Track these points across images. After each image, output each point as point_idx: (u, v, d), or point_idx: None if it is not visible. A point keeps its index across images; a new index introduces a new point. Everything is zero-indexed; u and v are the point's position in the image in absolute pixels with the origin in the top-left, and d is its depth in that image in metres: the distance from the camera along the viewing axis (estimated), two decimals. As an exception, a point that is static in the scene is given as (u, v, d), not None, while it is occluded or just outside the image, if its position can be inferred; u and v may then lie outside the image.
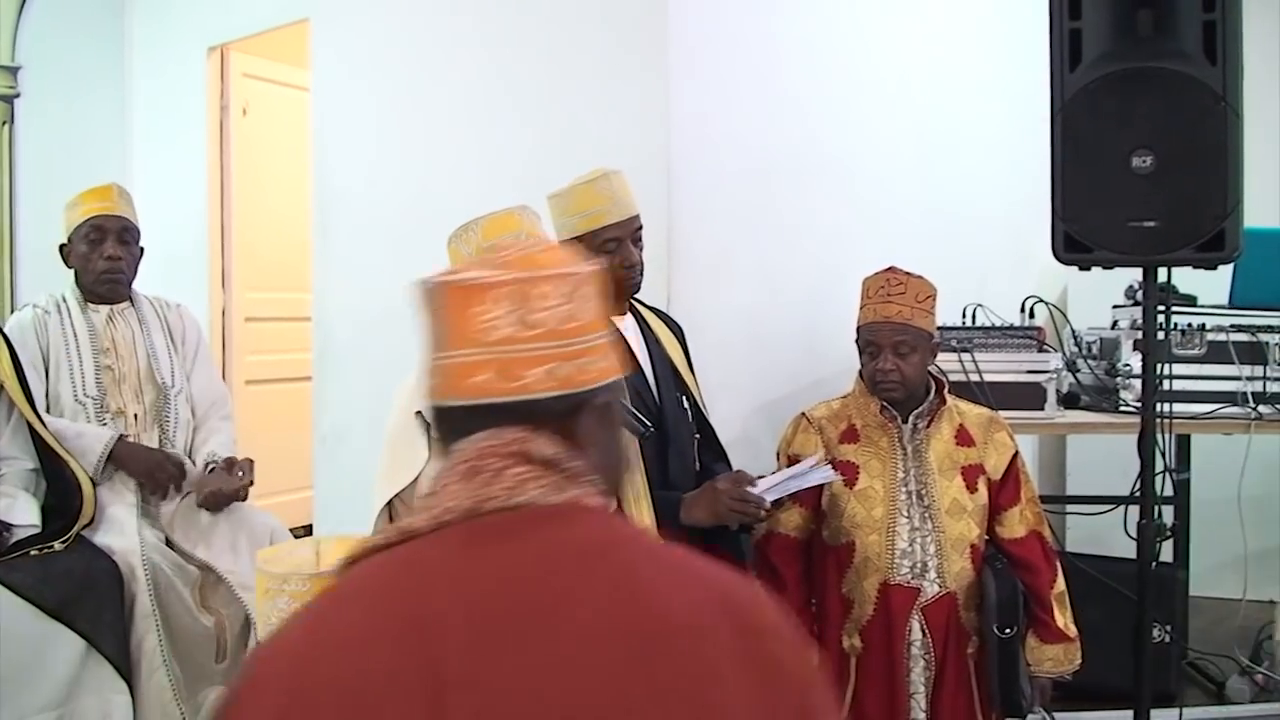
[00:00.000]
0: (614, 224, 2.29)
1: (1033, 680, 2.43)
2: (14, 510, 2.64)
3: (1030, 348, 3.07)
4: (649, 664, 0.86)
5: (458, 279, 0.99)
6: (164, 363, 3.02)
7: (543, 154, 3.21)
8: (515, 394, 0.97)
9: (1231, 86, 2.34)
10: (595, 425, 1.01)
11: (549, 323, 0.97)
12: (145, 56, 5.04)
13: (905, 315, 2.35)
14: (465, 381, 0.98)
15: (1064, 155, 2.47)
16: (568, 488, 0.96)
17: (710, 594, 0.93)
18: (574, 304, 0.99)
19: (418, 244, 3.73)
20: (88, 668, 2.54)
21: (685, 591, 0.92)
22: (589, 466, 1.00)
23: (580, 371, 0.98)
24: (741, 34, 3.13)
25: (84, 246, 2.95)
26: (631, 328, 2.38)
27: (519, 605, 0.89)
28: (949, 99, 3.60)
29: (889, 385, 2.36)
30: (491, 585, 0.90)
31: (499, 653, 0.87)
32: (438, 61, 3.68)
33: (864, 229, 3.30)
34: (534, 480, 0.95)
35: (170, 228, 4.73)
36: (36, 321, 2.92)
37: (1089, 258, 2.49)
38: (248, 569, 2.82)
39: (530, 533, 0.94)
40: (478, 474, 0.96)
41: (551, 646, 0.87)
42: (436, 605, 0.89)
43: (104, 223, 2.95)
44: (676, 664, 0.87)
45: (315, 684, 0.87)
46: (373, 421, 3.85)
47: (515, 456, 0.96)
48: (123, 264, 2.98)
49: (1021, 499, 2.47)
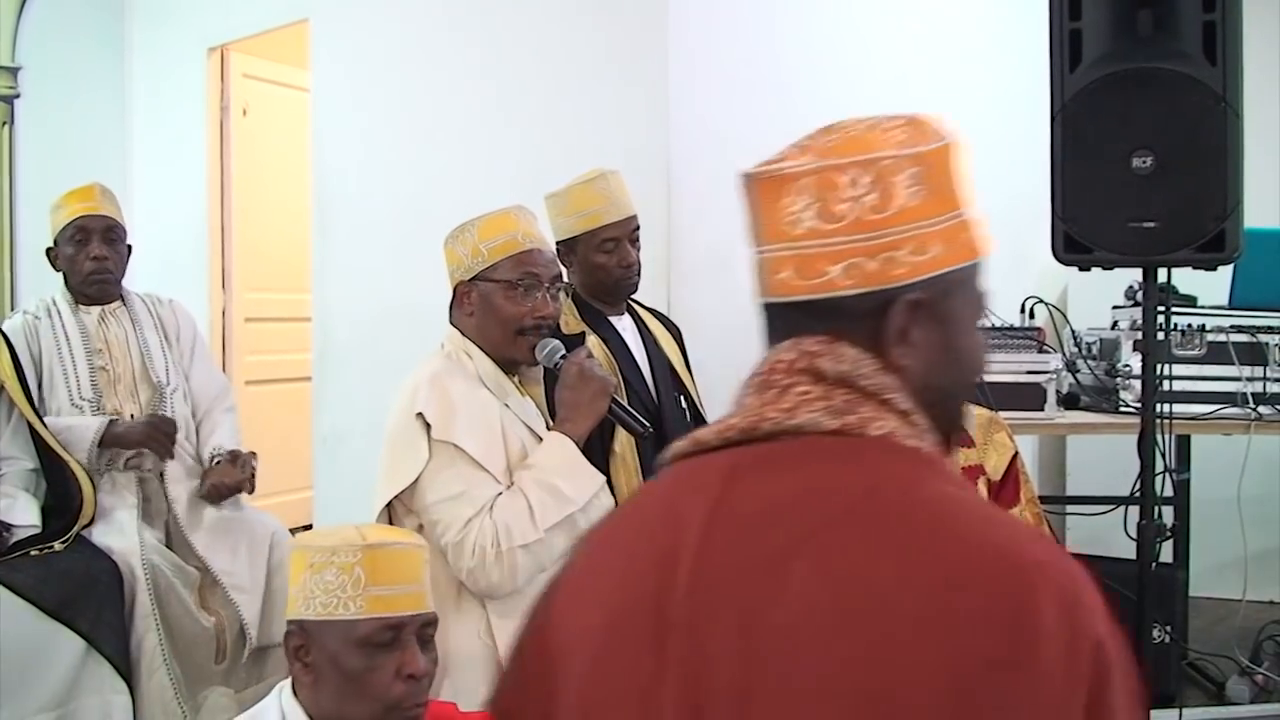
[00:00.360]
0: (612, 224, 2.29)
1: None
2: (14, 510, 2.64)
3: (1030, 348, 3.07)
4: (891, 664, 0.75)
5: (763, 171, 0.93)
6: (158, 361, 3.00)
7: (542, 154, 3.22)
8: (814, 292, 0.89)
9: (1231, 87, 2.34)
10: (915, 327, 0.89)
11: (851, 214, 0.88)
12: (145, 57, 5.04)
13: None
14: (772, 278, 0.92)
15: (1064, 155, 2.46)
16: (857, 409, 0.87)
17: (1011, 573, 0.78)
18: (883, 192, 0.88)
19: (417, 244, 3.74)
20: (88, 668, 2.54)
21: (967, 568, 0.78)
22: (900, 381, 0.89)
23: (888, 266, 0.87)
24: (741, 35, 3.14)
25: (70, 248, 2.94)
26: (629, 328, 2.38)
27: (750, 556, 0.82)
28: (949, 99, 3.58)
29: None
30: (732, 527, 0.84)
31: (717, 605, 0.81)
32: (437, 62, 3.68)
33: (864, 229, 3.30)
34: (817, 401, 0.87)
35: (170, 228, 4.74)
36: (27, 328, 2.90)
37: (1089, 258, 2.49)
38: (244, 571, 2.82)
39: (792, 470, 0.86)
40: (767, 389, 0.90)
41: (769, 610, 0.79)
42: (683, 538, 0.85)
43: (88, 223, 2.93)
44: (935, 668, 0.74)
45: (580, 615, 0.89)
46: (373, 422, 3.84)
47: (803, 373, 0.89)
48: (109, 263, 2.96)
49: (1021, 500, 2.46)
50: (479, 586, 1.85)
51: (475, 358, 1.96)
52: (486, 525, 1.82)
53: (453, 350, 1.98)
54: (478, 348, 1.97)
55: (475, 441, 1.86)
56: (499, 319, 1.95)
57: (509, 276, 1.95)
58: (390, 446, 1.89)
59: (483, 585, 1.84)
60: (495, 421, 1.93)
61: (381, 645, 1.47)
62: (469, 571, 1.83)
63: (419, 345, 2.24)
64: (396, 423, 1.88)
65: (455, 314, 2.02)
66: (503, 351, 1.98)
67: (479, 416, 1.90)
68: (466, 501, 1.83)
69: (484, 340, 1.97)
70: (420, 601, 1.52)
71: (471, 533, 1.81)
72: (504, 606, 1.88)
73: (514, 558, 1.82)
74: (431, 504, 1.84)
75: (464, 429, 1.85)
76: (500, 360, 1.98)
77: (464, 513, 1.82)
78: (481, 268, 1.96)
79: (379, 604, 1.48)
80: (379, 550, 1.49)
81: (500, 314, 1.95)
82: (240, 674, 2.81)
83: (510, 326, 1.96)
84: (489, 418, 1.92)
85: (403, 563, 1.51)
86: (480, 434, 1.88)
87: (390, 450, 1.89)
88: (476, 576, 1.83)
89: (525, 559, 1.84)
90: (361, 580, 1.48)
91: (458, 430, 1.84)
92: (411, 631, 1.50)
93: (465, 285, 1.98)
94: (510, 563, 1.82)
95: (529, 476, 1.89)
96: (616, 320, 2.35)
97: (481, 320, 1.97)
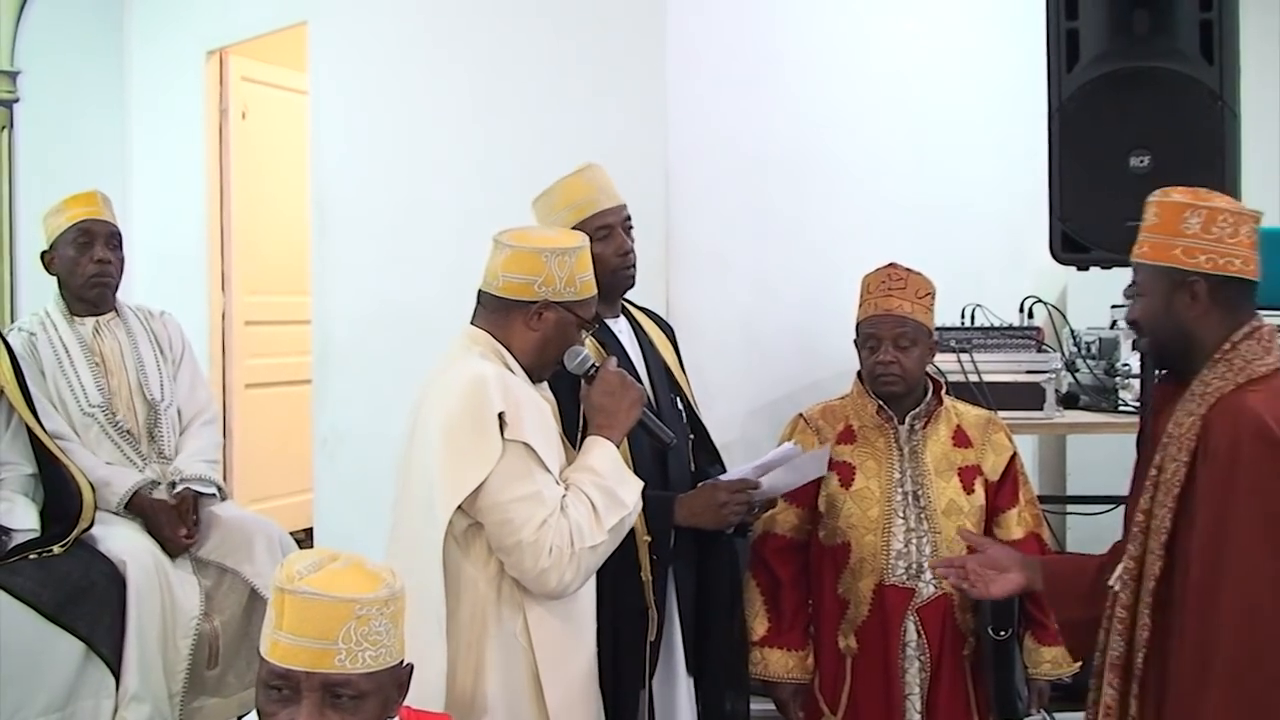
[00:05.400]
0: (605, 210, 2.29)
1: (1030, 682, 2.42)
2: (13, 515, 2.64)
3: (1029, 348, 3.07)
4: None
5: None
6: (153, 378, 2.99)
7: (540, 156, 3.21)
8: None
9: (1229, 86, 2.34)
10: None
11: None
12: (144, 61, 5.05)
13: (906, 309, 2.35)
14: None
15: (1061, 155, 2.47)
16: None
17: None
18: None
19: (416, 246, 3.76)
20: (87, 671, 2.54)
21: None
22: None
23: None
24: (739, 35, 3.14)
25: (72, 250, 2.93)
26: (624, 330, 2.38)
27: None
28: (946, 99, 3.60)
29: (889, 378, 2.35)
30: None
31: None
32: (435, 64, 3.69)
33: (862, 230, 3.30)
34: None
35: (170, 231, 4.75)
36: (26, 347, 2.88)
37: (1087, 257, 2.49)
38: (268, 573, 2.81)
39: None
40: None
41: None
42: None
43: (93, 226, 2.93)
44: None
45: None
46: (372, 424, 3.86)
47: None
48: (111, 268, 2.96)
49: (1020, 500, 2.46)
50: (549, 586, 1.85)
51: (510, 361, 1.97)
52: (562, 525, 1.83)
53: (485, 351, 1.95)
54: (511, 354, 1.97)
55: (542, 441, 1.88)
56: (561, 347, 2.00)
57: (586, 315, 2.02)
58: (452, 446, 1.84)
59: (553, 585, 1.84)
60: (552, 423, 1.96)
61: (276, 689, 1.41)
62: (542, 571, 1.83)
63: (419, 347, 2.25)
64: (459, 422, 1.84)
65: (508, 319, 1.98)
66: (540, 370, 2.01)
67: (539, 418, 1.91)
68: (540, 501, 1.83)
69: (533, 355, 1.98)
70: (322, 660, 1.39)
71: (548, 533, 1.82)
72: (545, 608, 1.89)
73: (585, 558, 1.85)
74: (503, 502, 1.83)
75: (532, 429, 1.86)
76: (529, 373, 2.00)
77: (539, 513, 1.82)
78: (572, 298, 1.98)
79: (277, 650, 1.41)
80: (292, 596, 1.41)
81: (566, 343, 2.00)
82: (230, 680, 2.82)
83: (561, 355, 2.01)
84: (548, 420, 1.95)
85: (313, 614, 1.40)
86: (544, 435, 1.90)
87: (454, 449, 1.84)
88: (549, 576, 1.83)
89: (591, 559, 1.88)
90: (272, 620, 1.43)
91: (528, 429, 1.85)
92: (311, 688, 1.40)
93: (545, 306, 1.96)
94: (581, 563, 1.85)
95: (588, 479, 1.91)
96: (613, 323, 2.35)
97: (545, 341, 1.98)
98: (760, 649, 2.41)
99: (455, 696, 1.85)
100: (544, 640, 1.89)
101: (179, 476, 2.91)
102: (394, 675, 1.48)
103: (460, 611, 1.87)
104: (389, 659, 1.46)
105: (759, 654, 2.41)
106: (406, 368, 2.04)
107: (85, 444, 2.86)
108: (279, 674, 1.41)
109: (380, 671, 1.44)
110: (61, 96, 4.83)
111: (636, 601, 2.19)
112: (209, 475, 2.94)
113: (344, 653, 1.41)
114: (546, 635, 1.90)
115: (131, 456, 2.91)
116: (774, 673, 2.41)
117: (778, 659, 2.41)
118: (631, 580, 2.17)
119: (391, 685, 1.48)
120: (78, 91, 4.90)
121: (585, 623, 2.00)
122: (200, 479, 2.91)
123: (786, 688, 2.42)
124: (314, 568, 1.46)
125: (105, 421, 2.88)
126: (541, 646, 1.89)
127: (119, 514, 2.79)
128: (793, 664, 2.41)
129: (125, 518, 2.80)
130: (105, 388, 2.91)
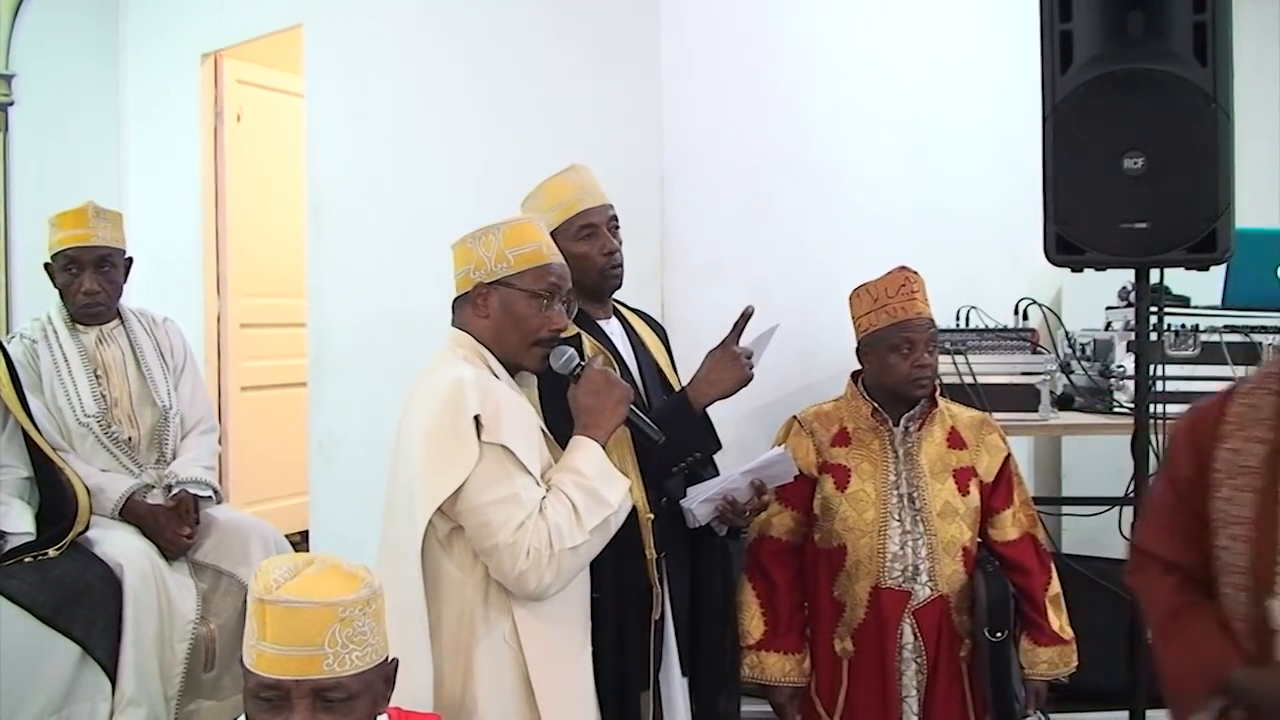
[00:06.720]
0: (589, 209, 2.29)
1: (1026, 683, 2.42)
2: (8, 518, 2.64)
3: (1024, 349, 3.07)
4: None
5: None
6: (160, 385, 3.00)
7: (535, 158, 3.19)
8: None
9: (1222, 88, 2.35)
10: None
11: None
12: (139, 63, 5.04)
13: (928, 312, 2.38)
14: None
15: (1056, 157, 2.47)
16: None
17: None
18: None
19: (411, 248, 3.75)
20: (82, 674, 2.54)
21: None
22: None
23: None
24: (734, 38, 3.14)
25: (64, 276, 2.95)
26: (616, 331, 2.38)
27: None
28: (941, 101, 3.60)
29: (926, 381, 2.36)
30: None
31: None
32: (430, 66, 3.68)
33: (857, 232, 3.30)
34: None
35: (165, 234, 4.74)
36: (27, 354, 2.90)
37: (1081, 259, 2.49)
38: None
39: None
40: None
41: None
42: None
43: (79, 254, 2.92)
44: None
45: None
46: (368, 427, 3.86)
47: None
48: (100, 295, 2.96)
49: (1014, 501, 2.47)
50: (528, 588, 1.84)
51: (491, 361, 1.97)
52: (540, 527, 1.83)
53: (468, 354, 1.96)
54: (489, 351, 1.98)
55: (521, 443, 1.87)
56: (518, 326, 1.97)
57: (533, 286, 1.98)
58: (432, 449, 1.84)
59: (532, 587, 1.84)
60: (534, 424, 1.96)
61: (266, 700, 1.42)
62: (521, 573, 1.82)
63: (414, 350, 2.24)
64: (437, 426, 1.85)
65: (465, 314, 2.01)
66: (514, 358, 2.00)
67: (520, 419, 1.91)
68: (518, 504, 1.83)
69: (496, 344, 1.98)
70: (310, 666, 1.41)
71: (526, 535, 1.81)
72: (531, 610, 1.89)
73: (564, 559, 1.84)
74: (481, 505, 1.83)
75: (510, 431, 1.86)
76: (508, 365, 2.00)
77: (516, 515, 1.82)
78: (506, 273, 1.97)
79: (263, 661, 1.42)
80: (273, 606, 1.42)
81: (521, 322, 1.97)
82: (226, 683, 2.81)
83: (528, 336, 1.98)
84: (528, 421, 1.94)
85: (297, 623, 1.42)
86: (524, 436, 1.89)
87: (432, 453, 1.84)
88: (528, 578, 1.83)
89: (572, 561, 1.87)
90: (254, 632, 1.44)
91: (506, 432, 1.85)
92: (301, 695, 1.41)
93: (485, 288, 1.97)
94: (561, 564, 1.84)
95: (569, 480, 1.90)
96: (604, 324, 2.35)
97: (499, 325, 1.98)
98: (757, 652, 2.41)
99: (444, 701, 1.85)
100: (533, 643, 1.89)
101: (175, 480, 2.91)
102: (381, 672, 1.50)
103: (447, 616, 1.87)
104: (375, 657, 1.47)
105: (755, 657, 2.41)
106: (402, 370, 2.04)
107: (81, 453, 2.87)
108: (268, 685, 1.42)
109: (368, 670, 1.46)
110: (56, 100, 4.82)
111: (640, 579, 2.19)
112: (205, 478, 2.94)
113: (331, 656, 1.42)
114: (536, 638, 1.89)
115: (128, 465, 2.91)
116: (771, 676, 2.41)
117: (774, 662, 2.41)
118: (636, 561, 2.17)
119: (379, 682, 1.50)
120: (73, 95, 4.89)
121: (577, 624, 2.00)
122: (196, 482, 2.91)
123: (783, 691, 2.41)
124: (290, 574, 1.46)
125: (100, 431, 2.88)
126: (531, 649, 1.89)
127: (114, 520, 2.79)
128: (789, 667, 2.40)
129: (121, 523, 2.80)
130: (104, 397, 2.91)
